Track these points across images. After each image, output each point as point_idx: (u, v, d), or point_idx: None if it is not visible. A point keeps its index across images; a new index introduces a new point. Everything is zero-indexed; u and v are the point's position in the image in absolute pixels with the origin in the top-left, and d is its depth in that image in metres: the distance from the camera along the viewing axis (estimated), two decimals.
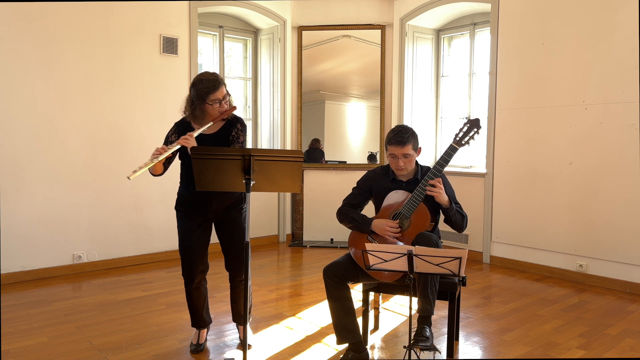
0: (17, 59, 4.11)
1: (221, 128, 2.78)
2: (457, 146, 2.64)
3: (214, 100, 2.66)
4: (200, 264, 2.84)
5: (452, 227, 2.73)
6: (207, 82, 2.66)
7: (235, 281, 2.90)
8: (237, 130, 2.76)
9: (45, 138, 4.27)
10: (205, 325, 2.97)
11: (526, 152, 4.65)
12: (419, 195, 2.60)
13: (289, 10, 5.76)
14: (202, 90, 2.65)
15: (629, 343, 3.04)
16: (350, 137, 5.98)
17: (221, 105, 2.70)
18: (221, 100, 2.68)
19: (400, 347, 2.96)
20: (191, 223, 2.80)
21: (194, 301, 2.90)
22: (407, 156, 2.68)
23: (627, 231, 4.05)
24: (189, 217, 2.81)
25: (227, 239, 2.83)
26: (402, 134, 2.67)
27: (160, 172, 2.76)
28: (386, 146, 2.74)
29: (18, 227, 4.17)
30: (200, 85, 2.66)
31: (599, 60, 4.16)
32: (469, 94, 5.46)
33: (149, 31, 4.77)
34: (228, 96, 2.75)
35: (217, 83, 2.67)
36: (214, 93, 2.65)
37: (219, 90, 2.67)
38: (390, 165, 2.77)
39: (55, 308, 3.57)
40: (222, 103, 2.70)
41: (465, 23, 5.48)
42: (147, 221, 4.84)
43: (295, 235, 5.94)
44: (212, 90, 2.65)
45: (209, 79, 2.68)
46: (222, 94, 2.69)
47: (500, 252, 4.91)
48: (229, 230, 2.82)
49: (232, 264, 2.86)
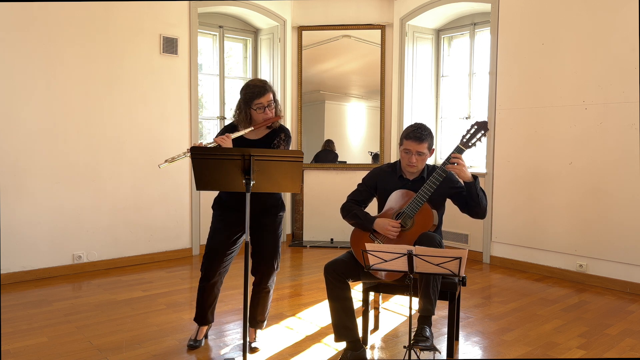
0: (17, 59, 4.11)
1: (266, 135, 2.81)
2: (464, 147, 2.64)
3: (258, 105, 2.70)
4: (220, 266, 2.85)
5: (474, 210, 2.67)
6: (254, 87, 2.72)
7: (259, 287, 2.91)
8: (280, 139, 2.77)
9: (45, 138, 4.27)
10: (207, 323, 2.98)
11: (526, 152, 4.65)
12: (424, 195, 2.60)
13: (289, 10, 5.76)
14: (248, 95, 2.71)
15: (629, 343, 3.04)
16: (350, 137, 5.98)
17: (265, 112, 2.72)
18: (265, 106, 2.71)
19: (400, 347, 2.96)
20: (221, 225, 2.83)
21: (204, 298, 2.92)
22: (421, 154, 2.68)
23: (627, 231, 4.05)
24: (220, 219, 2.84)
25: (258, 243, 2.84)
26: (420, 131, 2.67)
27: None
28: (402, 140, 2.73)
29: (18, 227, 4.17)
30: (247, 89, 2.73)
31: (599, 60, 4.16)
32: (469, 94, 5.46)
33: (149, 31, 4.77)
34: (274, 104, 2.77)
35: (263, 89, 2.71)
36: (259, 99, 2.70)
37: (264, 96, 2.70)
38: (402, 160, 2.76)
39: (55, 308, 3.57)
40: (267, 110, 2.72)
41: (465, 23, 5.48)
42: (147, 221, 4.84)
43: (295, 235, 5.94)
44: (257, 96, 2.69)
45: (257, 84, 2.74)
46: (267, 100, 2.72)
47: (500, 252, 4.91)
48: (260, 235, 2.83)
49: (259, 269, 2.87)
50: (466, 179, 2.61)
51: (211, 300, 2.93)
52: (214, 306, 2.97)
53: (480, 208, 2.66)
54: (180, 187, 5.00)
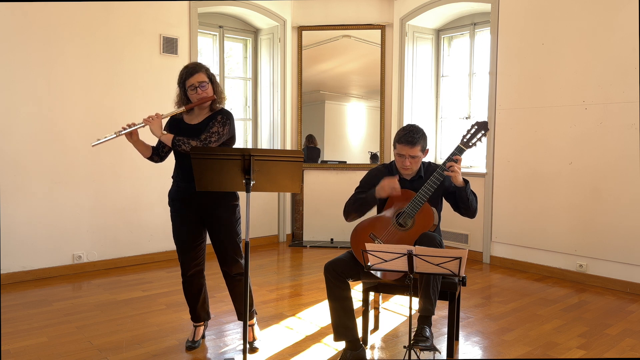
0: (17, 59, 4.11)
1: (205, 119, 2.79)
2: (465, 147, 2.65)
3: (190, 85, 2.70)
4: (192, 259, 2.86)
5: (464, 211, 2.72)
6: (185, 68, 2.75)
7: (229, 277, 2.89)
8: (215, 121, 2.72)
9: (45, 138, 4.27)
10: (200, 321, 2.98)
11: (526, 152, 4.65)
12: (424, 196, 2.60)
13: (289, 10, 5.76)
14: (181, 76, 2.74)
15: (629, 343, 3.04)
16: (350, 137, 5.98)
17: (197, 92, 2.71)
18: (197, 86, 2.70)
19: (400, 347, 2.96)
20: (181, 218, 2.83)
21: (188, 294, 2.94)
22: (414, 157, 2.69)
23: (627, 231, 4.05)
24: (178, 213, 2.84)
25: (215, 235, 2.83)
26: (412, 134, 2.66)
27: (148, 156, 2.84)
28: (394, 144, 2.73)
29: (18, 227, 4.17)
30: (181, 71, 2.76)
31: (599, 60, 4.16)
32: (469, 94, 5.46)
33: (149, 31, 4.77)
34: (208, 84, 2.75)
35: (193, 69, 2.72)
36: (189, 79, 2.70)
37: (193, 76, 2.70)
38: (396, 163, 2.77)
39: (55, 308, 3.57)
40: (199, 89, 2.71)
41: (465, 23, 5.48)
42: (147, 221, 4.84)
43: (295, 235, 5.94)
44: (187, 77, 2.71)
45: (188, 65, 2.76)
46: (198, 81, 2.70)
47: (500, 252, 4.91)
48: (216, 227, 2.82)
49: (223, 263, 2.86)
50: (458, 184, 2.63)
51: (195, 295, 2.93)
52: (202, 302, 2.96)
53: (470, 210, 2.71)
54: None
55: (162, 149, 2.86)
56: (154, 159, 2.87)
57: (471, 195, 2.69)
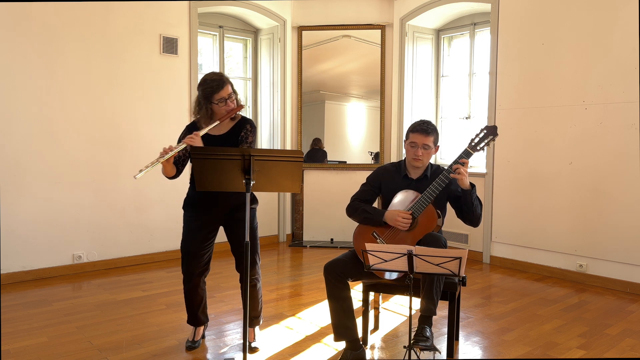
0: (17, 59, 4.11)
1: (231, 129, 2.79)
2: (472, 151, 2.66)
3: (219, 99, 2.67)
4: (198, 267, 2.84)
5: (468, 216, 2.70)
6: (211, 82, 2.68)
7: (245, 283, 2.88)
8: (247, 131, 2.75)
9: (45, 138, 4.27)
10: (200, 324, 2.97)
11: (526, 152, 4.65)
12: (429, 197, 2.60)
13: (289, 10, 5.76)
14: (207, 90, 2.67)
15: (629, 343, 3.04)
16: (350, 137, 5.98)
17: (227, 104, 2.70)
18: (226, 99, 2.69)
19: (400, 347, 2.96)
20: (195, 225, 2.81)
21: (190, 300, 2.92)
22: (426, 147, 2.70)
23: (627, 231, 4.05)
24: (194, 219, 2.81)
25: (234, 239, 2.83)
26: (427, 124, 2.71)
27: (173, 174, 2.76)
28: (407, 134, 2.75)
29: (18, 227, 4.17)
30: (205, 85, 2.68)
31: (599, 60, 4.16)
32: (469, 94, 5.46)
33: (149, 31, 4.77)
34: (234, 95, 2.74)
35: (221, 82, 2.68)
36: (219, 92, 2.67)
37: (223, 89, 2.68)
38: (407, 154, 2.78)
39: (55, 308, 3.57)
40: (228, 102, 2.70)
41: (465, 23, 5.48)
42: (147, 221, 4.84)
43: (295, 235, 5.94)
44: (217, 90, 2.66)
45: (214, 78, 2.69)
46: (228, 93, 2.69)
47: (500, 252, 4.91)
48: (235, 231, 2.81)
49: (241, 264, 2.84)
50: (464, 187, 2.63)
51: (198, 301, 2.92)
52: (203, 306, 2.96)
53: (474, 215, 2.69)
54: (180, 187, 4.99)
55: (182, 162, 2.81)
56: (176, 176, 2.81)
57: (476, 200, 2.68)
